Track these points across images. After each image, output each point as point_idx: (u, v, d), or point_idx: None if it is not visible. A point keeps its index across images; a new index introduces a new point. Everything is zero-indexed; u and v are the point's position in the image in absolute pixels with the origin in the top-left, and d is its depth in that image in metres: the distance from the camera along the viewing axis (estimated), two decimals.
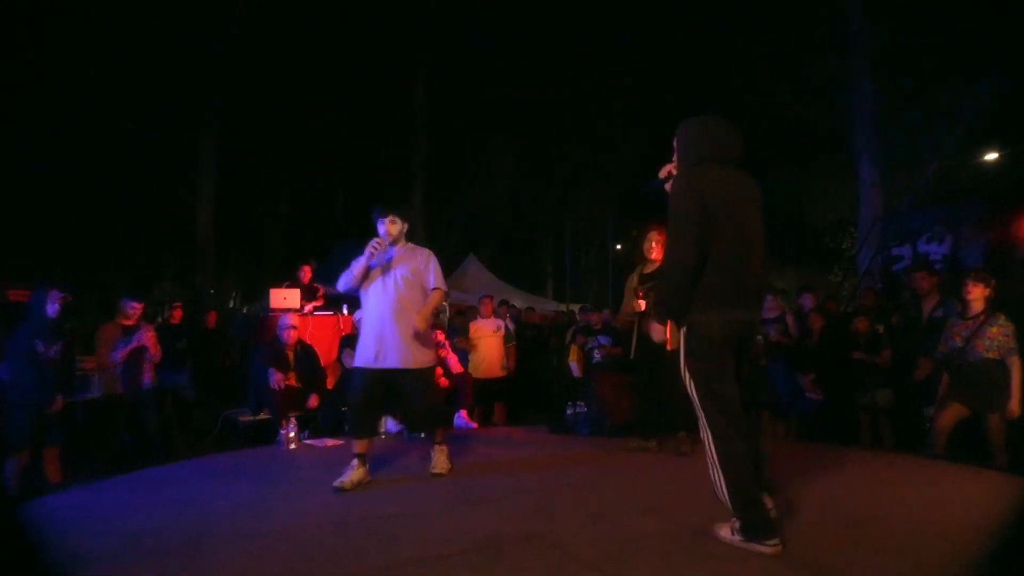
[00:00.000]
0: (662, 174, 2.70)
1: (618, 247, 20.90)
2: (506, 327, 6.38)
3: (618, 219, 16.26)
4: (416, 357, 3.50)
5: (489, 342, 6.28)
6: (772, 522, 2.36)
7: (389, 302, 3.49)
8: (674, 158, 2.59)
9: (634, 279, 4.35)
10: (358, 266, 3.48)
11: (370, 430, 3.53)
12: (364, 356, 3.49)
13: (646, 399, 4.24)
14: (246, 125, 15.19)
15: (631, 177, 17.08)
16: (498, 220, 18.58)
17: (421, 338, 3.51)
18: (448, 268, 17.99)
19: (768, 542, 2.31)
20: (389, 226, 3.57)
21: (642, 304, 4.17)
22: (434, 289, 3.58)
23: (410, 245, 3.66)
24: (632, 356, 4.32)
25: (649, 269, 4.28)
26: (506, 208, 18.44)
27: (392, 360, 3.46)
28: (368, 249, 3.44)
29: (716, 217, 2.35)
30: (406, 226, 3.62)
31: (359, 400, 3.44)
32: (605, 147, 18.05)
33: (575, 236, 20.16)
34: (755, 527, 2.32)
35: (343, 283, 3.54)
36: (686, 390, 2.51)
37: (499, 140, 17.57)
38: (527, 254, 21.53)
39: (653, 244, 4.24)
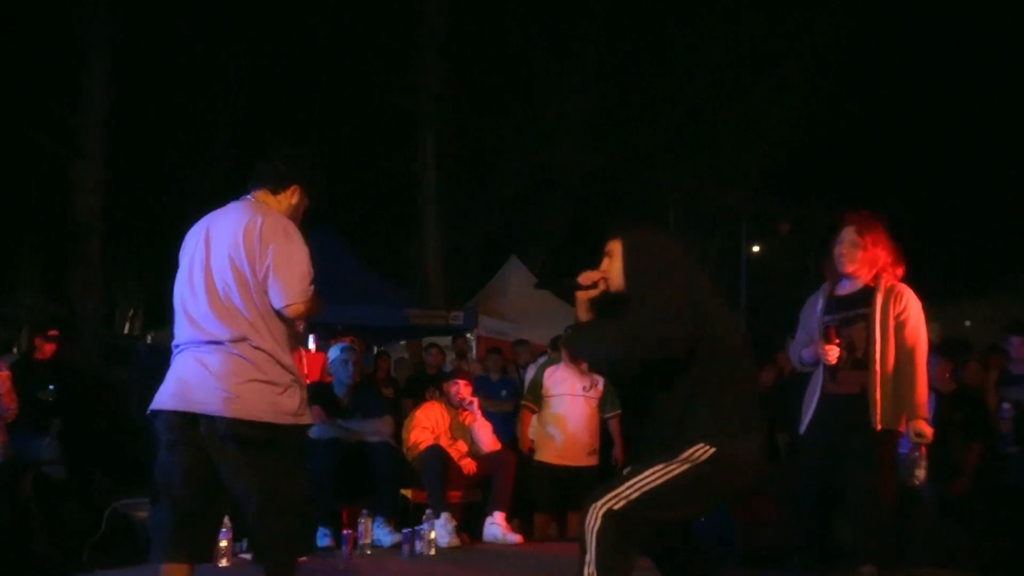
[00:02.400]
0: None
1: (754, 248, 20.76)
2: (606, 385, 6.08)
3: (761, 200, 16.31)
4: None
5: (577, 406, 6.11)
6: None
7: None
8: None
9: (816, 305, 4.33)
10: None
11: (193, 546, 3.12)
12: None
13: (812, 511, 4.24)
14: (156, 42, 15.67)
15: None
16: (559, 197, 18.55)
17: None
18: (473, 279, 18.29)
19: None
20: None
21: (834, 352, 4.09)
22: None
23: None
24: (799, 436, 4.31)
25: (843, 290, 4.24)
26: (574, 176, 18.40)
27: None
28: None
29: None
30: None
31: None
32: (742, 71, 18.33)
33: (688, 223, 19.95)
34: None
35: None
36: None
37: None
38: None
39: (848, 247, 4.16)
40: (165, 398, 3.07)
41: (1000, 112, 20.73)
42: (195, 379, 3.00)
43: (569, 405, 6.08)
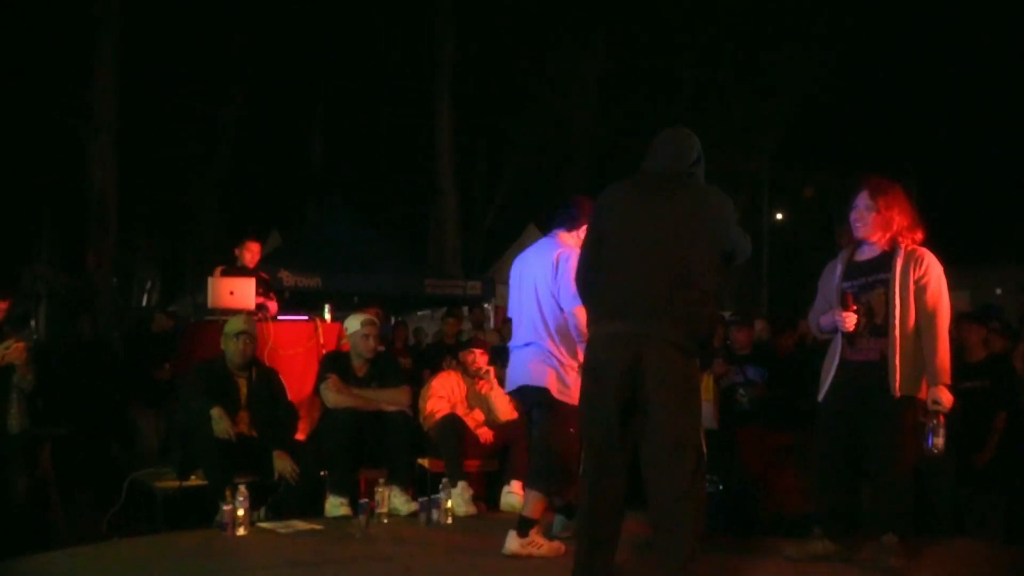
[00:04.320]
0: None
1: (777, 216, 20.73)
2: None
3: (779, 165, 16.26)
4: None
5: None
6: None
7: None
8: None
9: (835, 271, 4.33)
10: None
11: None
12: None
13: (835, 476, 4.24)
14: (163, 21, 15.67)
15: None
16: (577, 165, 18.52)
17: None
18: (493, 245, 18.30)
19: None
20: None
21: (851, 318, 4.10)
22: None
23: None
24: (819, 403, 4.31)
25: (863, 256, 4.24)
26: (591, 144, 18.36)
27: None
28: None
29: (602, 230, 3.59)
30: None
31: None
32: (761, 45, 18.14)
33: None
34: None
35: None
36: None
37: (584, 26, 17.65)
38: None
39: (863, 212, 4.15)
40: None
41: None
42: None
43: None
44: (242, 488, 4.66)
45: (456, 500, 5.17)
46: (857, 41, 18.76)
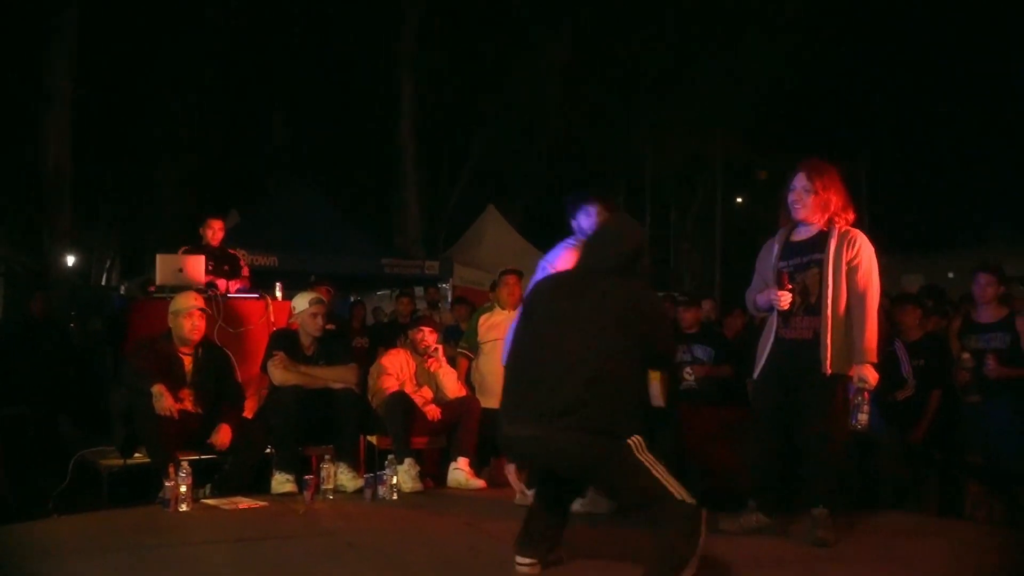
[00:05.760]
0: None
1: (738, 200, 20.92)
2: None
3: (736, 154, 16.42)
4: None
5: None
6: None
7: None
8: None
9: (772, 251, 4.40)
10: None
11: None
12: None
13: (769, 452, 4.32)
14: None
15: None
16: (537, 148, 18.56)
17: None
18: (450, 229, 18.29)
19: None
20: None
21: (786, 297, 4.18)
22: None
23: None
24: (754, 381, 4.43)
25: (799, 236, 4.32)
26: (551, 126, 18.40)
27: None
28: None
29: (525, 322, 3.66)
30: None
31: None
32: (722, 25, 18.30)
33: (662, 176, 20.03)
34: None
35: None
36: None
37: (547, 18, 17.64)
38: None
39: (800, 193, 4.23)
40: None
41: (990, 62, 20.69)
42: None
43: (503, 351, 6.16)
44: (185, 464, 4.65)
45: (403, 476, 5.19)
46: (818, 29, 18.93)
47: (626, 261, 3.60)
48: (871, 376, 4.05)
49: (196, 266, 6.23)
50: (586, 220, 4.63)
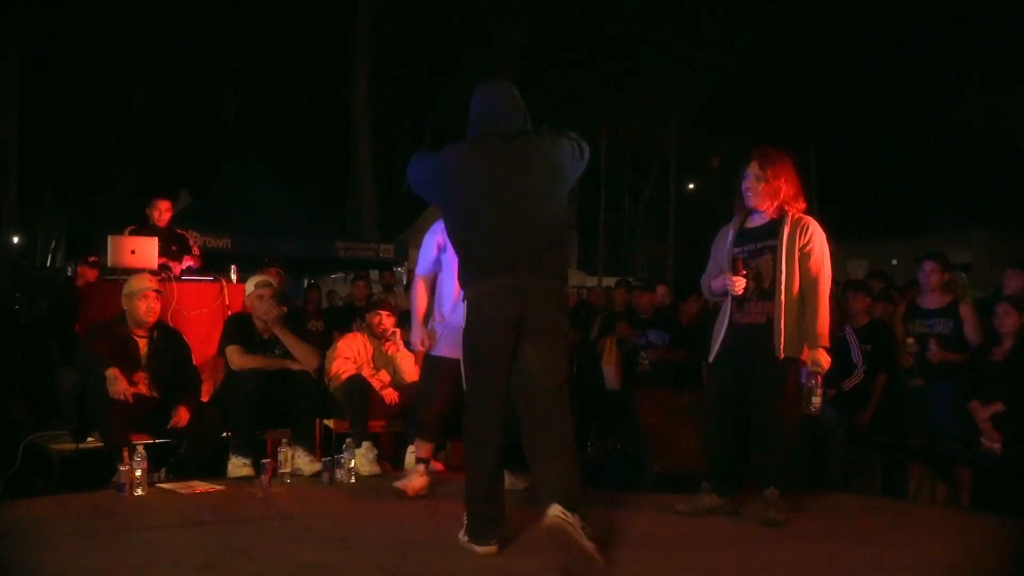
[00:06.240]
0: None
1: (690, 186, 21.05)
2: None
3: (690, 137, 16.55)
4: None
5: None
6: (494, 523, 3.63)
7: None
8: None
9: (727, 237, 4.47)
10: None
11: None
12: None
13: (723, 434, 4.40)
14: None
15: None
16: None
17: None
18: (404, 212, 18.17)
19: (483, 545, 3.59)
20: None
21: (740, 283, 4.26)
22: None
23: None
24: (709, 365, 4.49)
25: (753, 223, 4.39)
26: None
27: None
28: None
29: (468, 195, 3.72)
30: None
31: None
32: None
33: (616, 163, 20.17)
34: (477, 527, 3.62)
35: None
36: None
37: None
38: None
39: (753, 181, 4.30)
40: None
41: (936, 53, 21.11)
42: None
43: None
44: (140, 448, 4.60)
45: (360, 460, 5.19)
46: (770, 20, 19.14)
47: (527, 115, 3.80)
48: (824, 360, 4.14)
49: (149, 248, 6.15)
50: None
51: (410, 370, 5.91)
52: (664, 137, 18.83)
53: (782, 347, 4.16)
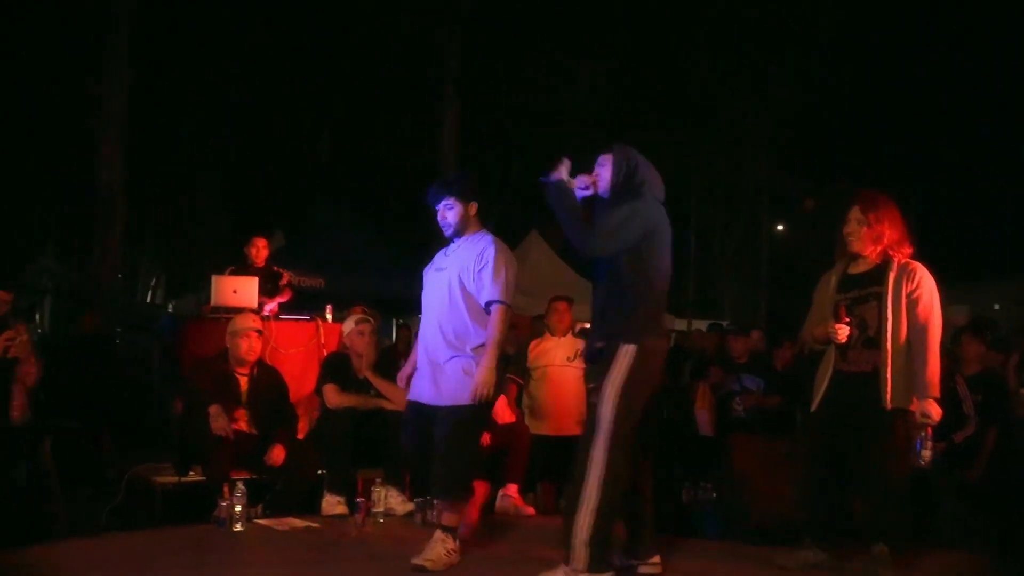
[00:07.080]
0: (581, 184, 4.04)
1: (778, 227, 20.71)
2: None
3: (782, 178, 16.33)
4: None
5: (564, 376, 6.22)
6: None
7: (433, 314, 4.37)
8: (597, 172, 4.07)
9: (829, 284, 4.38)
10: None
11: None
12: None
13: (825, 486, 4.27)
14: (174, 19, 15.73)
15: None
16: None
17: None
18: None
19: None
20: (446, 213, 4.38)
21: (844, 330, 4.15)
22: (492, 303, 4.21)
23: (477, 234, 4.43)
24: (809, 414, 4.36)
25: (856, 269, 4.29)
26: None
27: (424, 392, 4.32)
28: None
29: (658, 246, 3.86)
30: (472, 208, 4.43)
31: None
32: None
33: (708, 201, 19.92)
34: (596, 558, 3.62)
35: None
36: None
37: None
38: None
39: (855, 226, 4.20)
40: None
41: None
42: None
43: (554, 376, 6.20)
44: (240, 484, 4.68)
45: None
46: (865, 53, 18.84)
47: None
48: (934, 411, 3.99)
49: (249, 287, 6.32)
50: (451, 212, 4.42)
51: (503, 412, 5.88)
52: (754, 178, 18.59)
53: (889, 398, 4.02)
